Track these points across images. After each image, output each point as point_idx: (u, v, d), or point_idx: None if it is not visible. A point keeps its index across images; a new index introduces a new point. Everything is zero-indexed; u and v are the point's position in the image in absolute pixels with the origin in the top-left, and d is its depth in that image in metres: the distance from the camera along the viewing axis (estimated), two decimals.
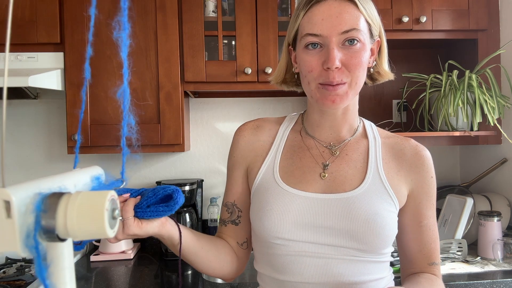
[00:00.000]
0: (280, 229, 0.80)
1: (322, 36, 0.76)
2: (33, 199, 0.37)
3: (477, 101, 1.68)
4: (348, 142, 0.88)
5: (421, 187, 0.86)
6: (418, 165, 0.86)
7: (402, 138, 0.91)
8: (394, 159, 0.87)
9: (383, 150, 0.87)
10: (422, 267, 0.88)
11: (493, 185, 1.95)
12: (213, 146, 2.09)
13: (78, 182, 0.46)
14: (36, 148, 2.00)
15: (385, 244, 0.80)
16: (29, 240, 0.35)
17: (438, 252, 0.89)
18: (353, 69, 0.77)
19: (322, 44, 0.77)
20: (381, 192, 0.82)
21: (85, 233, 0.37)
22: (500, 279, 1.43)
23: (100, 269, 1.68)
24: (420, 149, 0.88)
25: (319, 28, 0.76)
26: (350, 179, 0.83)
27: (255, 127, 0.96)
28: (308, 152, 0.88)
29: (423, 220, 0.87)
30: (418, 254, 0.88)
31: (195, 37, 1.71)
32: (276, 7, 1.73)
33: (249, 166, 0.92)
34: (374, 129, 0.92)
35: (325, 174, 0.84)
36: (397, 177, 0.85)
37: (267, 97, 2.09)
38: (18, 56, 1.63)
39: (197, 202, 1.95)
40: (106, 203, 0.38)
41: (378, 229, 0.78)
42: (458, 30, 1.81)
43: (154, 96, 1.70)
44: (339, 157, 0.86)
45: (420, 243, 0.88)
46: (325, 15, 0.76)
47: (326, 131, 0.89)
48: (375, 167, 0.84)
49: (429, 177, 0.87)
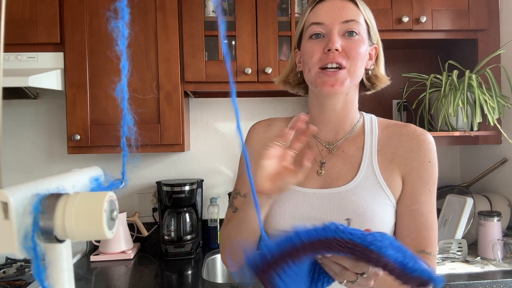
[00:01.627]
0: (279, 221, 0.86)
1: (324, 24, 0.83)
2: (31, 200, 0.37)
3: (477, 101, 1.68)
4: (345, 139, 0.92)
5: (416, 171, 0.85)
6: (414, 149, 0.86)
7: (402, 124, 0.92)
8: (389, 148, 0.88)
9: (379, 142, 0.90)
10: None
11: (493, 185, 1.95)
12: (213, 146, 2.09)
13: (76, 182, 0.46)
14: (36, 148, 2.00)
15: None
16: (27, 242, 0.35)
17: (430, 242, 0.84)
18: (352, 55, 0.82)
19: (324, 34, 0.84)
20: (373, 186, 0.85)
21: (84, 234, 0.37)
22: (500, 279, 1.43)
23: (100, 269, 1.68)
24: (418, 133, 0.88)
25: (323, 18, 0.84)
26: (345, 175, 0.88)
27: (266, 125, 1.01)
28: (308, 150, 0.91)
29: (413, 204, 0.85)
30: (405, 239, 0.84)
31: (195, 37, 1.71)
32: (276, 7, 1.73)
33: None
34: (374, 122, 0.93)
35: (322, 171, 0.90)
36: (390, 167, 0.86)
37: (267, 97, 2.09)
38: (18, 56, 1.63)
39: (197, 202, 1.95)
40: (105, 204, 0.37)
41: (368, 220, 0.81)
42: (458, 30, 1.81)
43: (154, 96, 1.70)
44: (335, 155, 0.91)
45: (408, 227, 0.85)
46: (329, 8, 0.84)
47: (326, 126, 0.92)
48: (369, 162, 0.87)
49: (426, 161, 0.86)
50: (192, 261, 1.77)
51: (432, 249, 0.85)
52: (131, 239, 1.89)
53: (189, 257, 1.80)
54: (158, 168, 2.07)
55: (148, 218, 2.04)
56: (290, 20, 1.76)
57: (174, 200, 1.85)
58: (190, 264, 1.73)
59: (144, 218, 2.02)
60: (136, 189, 2.05)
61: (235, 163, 2.09)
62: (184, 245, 1.82)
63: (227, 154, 2.09)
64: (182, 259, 1.79)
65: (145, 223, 1.99)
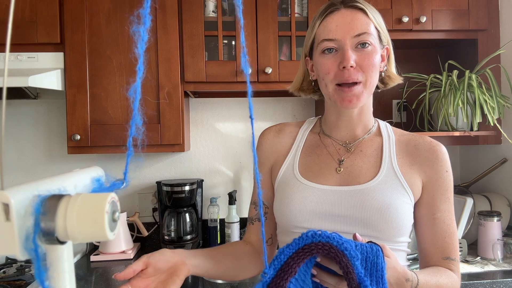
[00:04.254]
0: (300, 218, 0.86)
1: (337, 40, 0.84)
2: (32, 201, 0.37)
3: (477, 101, 1.68)
4: (363, 139, 0.94)
5: (436, 180, 0.89)
6: (432, 159, 0.90)
7: (417, 135, 0.96)
8: (408, 154, 0.91)
9: (397, 146, 0.92)
10: (436, 261, 0.89)
11: (493, 185, 1.95)
12: (213, 146, 2.09)
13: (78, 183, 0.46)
14: (36, 148, 2.00)
15: (399, 233, 0.84)
16: (28, 243, 0.35)
17: (454, 248, 0.89)
18: (366, 69, 0.84)
19: (337, 48, 0.85)
20: (395, 184, 0.86)
21: (85, 236, 0.37)
22: (500, 279, 1.43)
23: (100, 269, 1.68)
24: (434, 144, 0.92)
25: (334, 34, 0.84)
26: (365, 173, 0.89)
27: (277, 131, 1.02)
28: (325, 149, 0.94)
29: (436, 212, 0.89)
30: (431, 247, 0.89)
31: (195, 37, 1.70)
32: (276, 7, 1.73)
33: (272, 165, 0.99)
34: (389, 128, 0.97)
35: (341, 168, 0.90)
36: (410, 171, 0.89)
37: (267, 97, 2.09)
38: (18, 56, 1.63)
39: (197, 202, 1.95)
40: (106, 205, 0.37)
41: (390, 217, 0.82)
42: (458, 30, 1.81)
43: (154, 96, 1.69)
44: (354, 153, 0.92)
45: (434, 236, 0.89)
46: (339, 22, 0.84)
47: (342, 131, 0.94)
48: (389, 161, 0.89)
49: (444, 171, 0.90)
50: None
51: (456, 254, 0.89)
52: (131, 239, 1.89)
53: None
54: (158, 168, 2.07)
55: (148, 218, 2.04)
56: (290, 20, 1.76)
57: (174, 200, 1.85)
58: None
59: (144, 218, 2.02)
60: (136, 189, 2.05)
61: (235, 163, 2.09)
62: (184, 245, 1.82)
63: (227, 154, 2.09)
64: None
65: (145, 223, 1.99)
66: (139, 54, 0.43)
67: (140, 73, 0.44)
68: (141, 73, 0.44)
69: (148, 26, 0.43)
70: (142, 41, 0.43)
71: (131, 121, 0.45)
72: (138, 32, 0.43)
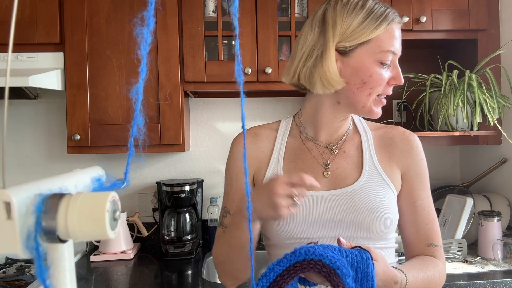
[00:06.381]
0: (293, 229, 0.84)
1: (396, 54, 0.86)
2: (34, 200, 0.37)
3: (477, 101, 1.68)
4: (344, 139, 0.93)
5: (413, 169, 0.91)
6: (407, 148, 0.92)
7: (390, 126, 0.97)
8: (385, 147, 0.92)
9: (374, 141, 0.93)
10: (420, 249, 0.90)
11: (493, 185, 1.95)
12: (213, 146, 2.09)
13: (79, 183, 0.46)
14: (36, 148, 2.00)
15: (389, 229, 0.86)
16: (30, 242, 0.35)
17: (436, 234, 0.90)
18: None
19: (389, 62, 0.86)
20: (379, 181, 0.88)
21: (86, 234, 0.37)
22: (500, 279, 1.43)
23: (100, 269, 1.68)
24: (408, 134, 0.94)
25: (397, 48, 0.86)
26: (350, 174, 0.89)
27: (252, 135, 0.96)
28: (309, 153, 0.92)
29: (417, 200, 0.90)
30: (415, 235, 0.90)
31: (195, 37, 1.71)
32: (276, 7, 1.73)
33: (254, 174, 0.94)
34: (363, 123, 0.97)
35: (328, 172, 0.90)
36: (389, 164, 0.90)
37: (267, 97, 2.09)
38: (18, 56, 1.63)
39: (197, 202, 1.95)
40: (107, 204, 0.37)
41: (381, 216, 0.83)
42: (458, 30, 1.81)
43: (154, 96, 1.70)
44: (338, 155, 0.92)
45: (416, 224, 0.90)
46: (397, 35, 0.86)
47: (326, 132, 0.92)
48: (370, 159, 0.90)
49: (419, 159, 0.92)
50: (192, 261, 1.77)
51: (439, 240, 0.91)
52: (131, 239, 1.89)
53: (189, 257, 1.80)
54: (158, 168, 2.07)
55: (148, 218, 2.04)
56: (290, 20, 1.76)
57: (174, 200, 1.85)
58: (190, 264, 1.73)
59: (144, 218, 2.02)
60: (136, 189, 2.05)
61: None
62: (184, 245, 1.82)
63: (227, 154, 2.09)
64: (182, 259, 1.79)
65: (145, 223, 1.99)
66: (142, 55, 0.43)
67: (143, 75, 0.44)
68: (144, 74, 0.44)
69: (151, 28, 0.43)
70: (146, 43, 0.43)
71: (133, 121, 0.45)
72: (142, 34, 0.43)
